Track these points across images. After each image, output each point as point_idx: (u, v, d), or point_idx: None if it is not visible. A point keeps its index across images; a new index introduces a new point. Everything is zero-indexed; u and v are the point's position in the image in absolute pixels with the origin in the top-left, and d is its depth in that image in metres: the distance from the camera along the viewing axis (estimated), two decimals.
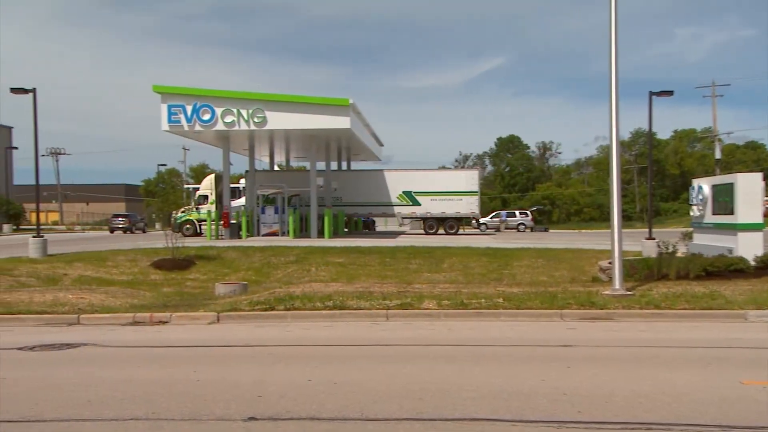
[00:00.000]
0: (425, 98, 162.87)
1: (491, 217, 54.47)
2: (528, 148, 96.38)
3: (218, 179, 40.86)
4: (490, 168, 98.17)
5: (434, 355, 8.89)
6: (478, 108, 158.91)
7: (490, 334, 10.38)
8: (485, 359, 8.56)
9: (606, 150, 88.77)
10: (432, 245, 25.74)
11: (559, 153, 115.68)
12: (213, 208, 39.48)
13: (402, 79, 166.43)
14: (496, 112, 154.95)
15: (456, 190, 39.79)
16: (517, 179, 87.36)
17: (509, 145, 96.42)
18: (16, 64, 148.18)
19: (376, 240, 31.14)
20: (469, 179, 40.26)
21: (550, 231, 54.78)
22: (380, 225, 56.69)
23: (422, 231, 40.93)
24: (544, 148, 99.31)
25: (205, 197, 40.33)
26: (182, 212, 41.60)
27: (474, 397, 6.64)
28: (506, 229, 51.74)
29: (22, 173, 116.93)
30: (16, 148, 62.63)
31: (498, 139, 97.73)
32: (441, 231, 40.15)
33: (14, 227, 55.56)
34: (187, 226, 39.46)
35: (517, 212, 56.88)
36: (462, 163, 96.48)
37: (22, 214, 63.33)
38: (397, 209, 40.06)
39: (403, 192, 39.97)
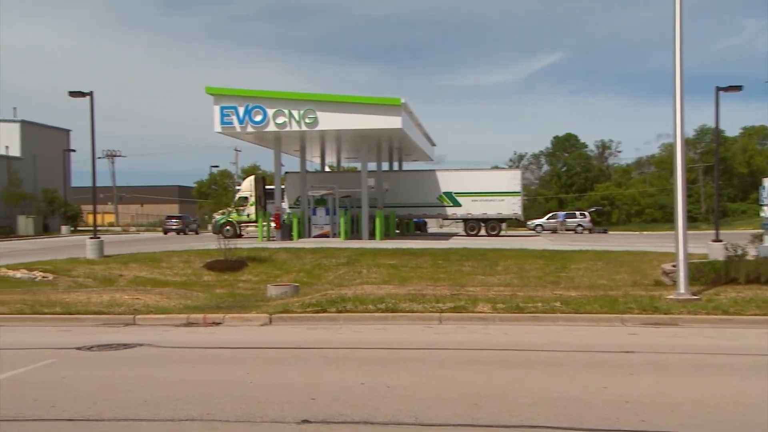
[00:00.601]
0: (478, 96, 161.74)
1: (547, 218, 53.65)
2: (586, 146, 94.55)
3: (258, 181, 41.52)
4: (546, 167, 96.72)
5: (489, 360, 8.81)
6: (533, 106, 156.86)
7: (548, 339, 10.23)
8: (543, 365, 8.44)
9: (669, 148, 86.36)
10: (486, 247, 25.53)
11: (619, 152, 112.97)
12: (252, 209, 40.18)
13: (455, 77, 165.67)
14: (552, 110, 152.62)
15: (497, 191, 39.46)
16: (575, 179, 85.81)
17: (566, 143, 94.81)
18: (72, 67, 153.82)
19: (428, 242, 31.08)
20: (511, 179, 39.86)
21: (609, 232, 53.63)
22: (432, 226, 56.60)
23: (482, 233, 40.63)
24: (603, 146, 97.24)
25: (245, 199, 40.98)
26: (222, 214, 42.32)
27: (531, 404, 6.56)
28: (566, 230, 50.77)
29: (79, 175, 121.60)
30: (74, 150, 64.98)
31: (554, 137, 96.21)
32: (482, 232, 39.97)
33: (72, 228, 57.60)
34: (227, 227, 40.16)
35: (576, 213, 55.70)
36: (516, 162, 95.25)
37: (79, 215, 65.64)
38: (437, 210, 39.91)
39: (444, 193, 39.82)
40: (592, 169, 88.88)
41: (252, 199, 40.73)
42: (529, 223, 55.56)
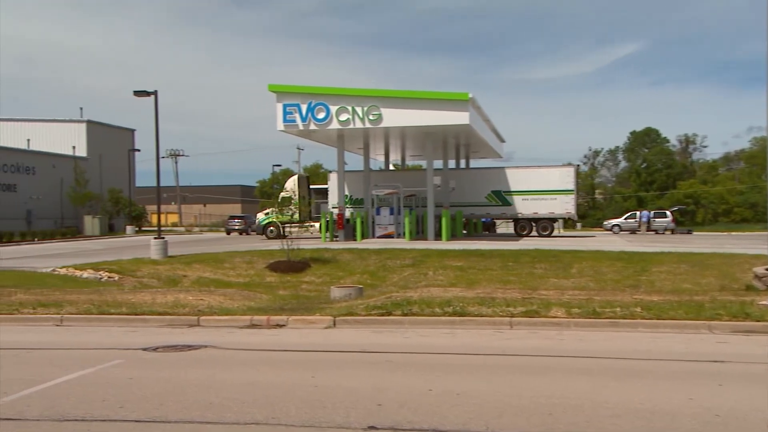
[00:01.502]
0: (551, 90, 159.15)
1: (625, 218, 52.21)
2: (667, 141, 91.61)
3: (301, 180, 41.97)
4: (623, 164, 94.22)
5: (564, 368, 8.65)
6: (609, 99, 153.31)
7: (628, 346, 9.96)
8: (622, 373, 8.23)
9: (761, 142, 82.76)
10: (559, 248, 25.10)
11: (705, 147, 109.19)
12: (296, 209, 40.55)
13: (525, 70, 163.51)
14: (630, 103, 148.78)
15: (549, 189, 38.73)
16: (655, 176, 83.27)
17: (645, 138, 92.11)
18: (136, 66, 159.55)
19: (497, 242, 30.78)
20: (564, 177, 39.04)
21: (694, 233, 51.78)
22: (502, 226, 55.99)
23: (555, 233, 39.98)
24: (687, 141, 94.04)
25: (289, 199, 41.37)
26: (265, 214, 42.91)
27: (611, 415, 6.40)
28: (648, 231, 49.22)
29: (143, 175, 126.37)
30: (139, 150, 67.31)
31: (632, 132, 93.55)
32: (529, 233, 39.51)
33: (137, 229, 59.77)
34: (271, 228, 40.72)
35: (666, 212, 53.59)
36: (591, 159, 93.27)
37: (143, 215, 68.05)
38: (485, 210, 39.40)
39: (492, 191, 39.30)
40: (674, 165, 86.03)
41: (296, 199, 41.24)
42: (605, 223, 54.21)
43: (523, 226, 39.74)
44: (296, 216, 40.83)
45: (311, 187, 43.74)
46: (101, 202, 59.86)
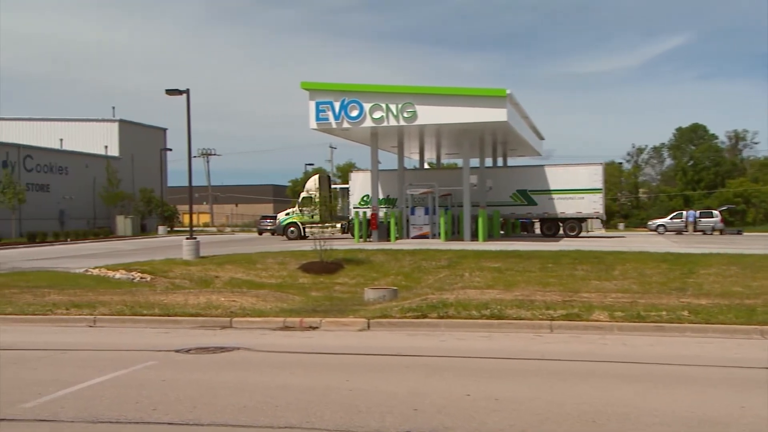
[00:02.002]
0: (592, 85, 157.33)
1: (671, 218, 51.33)
2: (716, 138, 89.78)
3: (323, 180, 42.09)
4: (668, 162, 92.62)
5: (607, 373, 8.53)
6: (654, 94, 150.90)
7: (674, 352, 9.79)
8: (669, 380, 8.08)
9: None
10: (601, 249, 24.78)
11: (756, 143, 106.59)
12: (317, 210, 40.68)
13: (565, 64, 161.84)
14: (676, 98, 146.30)
15: (577, 188, 38.24)
16: (703, 174, 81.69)
17: (692, 135, 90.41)
18: (167, 65, 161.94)
19: (536, 243, 30.52)
20: (592, 175, 38.44)
21: (744, 234, 50.66)
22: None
23: (590, 233, 39.53)
24: (737, 137, 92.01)
25: (310, 199, 41.54)
26: (285, 214, 43.08)
27: (658, 423, 6.29)
28: (695, 231, 48.29)
29: (174, 174, 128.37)
30: (171, 149, 68.35)
31: (678, 129, 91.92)
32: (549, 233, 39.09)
33: (168, 229, 60.69)
34: (292, 229, 40.88)
35: (713, 212, 52.38)
36: (635, 157, 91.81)
37: (175, 215, 69.07)
38: (510, 210, 39.02)
39: (517, 191, 38.90)
40: (723, 163, 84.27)
41: (316, 199, 41.38)
42: (650, 223, 53.38)
43: (550, 226, 39.37)
44: (317, 216, 41.20)
45: (340, 187, 43.85)
46: (133, 202, 60.92)
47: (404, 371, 8.74)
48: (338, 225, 40.51)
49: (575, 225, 39.29)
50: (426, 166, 47.96)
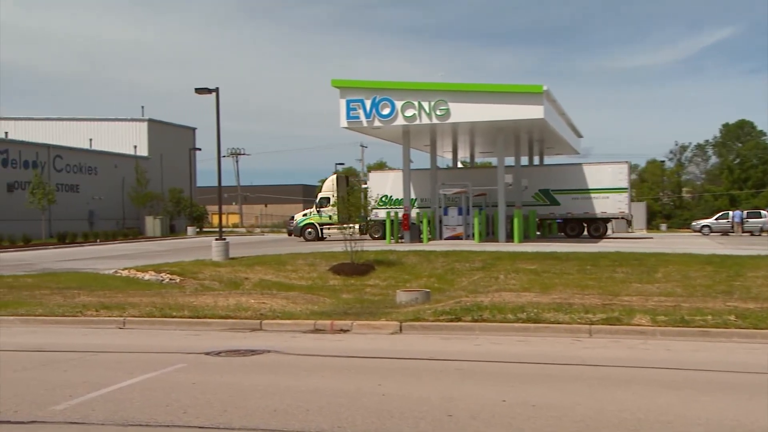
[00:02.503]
0: (633, 80, 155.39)
1: (716, 219, 50.43)
2: (764, 135, 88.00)
3: (340, 180, 42.20)
4: (714, 160, 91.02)
5: (650, 380, 8.42)
6: (698, 89, 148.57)
7: (720, 358, 9.62)
8: (715, 387, 7.95)
9: None
10: (642, 251, 24.47)
11: None
12: (335, 211, 40.83)
13: (605, 59, 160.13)
14: (722, 93, 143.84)
15: (601, 187, 37.87)
16: (750, 173, 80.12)
17: (739, 132, 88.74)
18: (196, 62, 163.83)
19: (574, 244, 30.24)
20: (617, 174, 38.17)
21: None
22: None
23: (632, 233, 39.07)
24: None
25: (327, 199, 41.70)
26: (303, 216, 43.19)
27: None
28: (742, 232, 47.33)
29: (203, 174, 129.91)
30: (200, 149, 69.08)
31: (724, 125, 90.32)
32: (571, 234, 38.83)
33: (197, 229, 61.41)
34: (309, 230, 41.01)
35: (762, 212, 51.21)
36: (678, 155, 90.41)
37: (204, 216, 69.87)
38: (533, 210, 38.65)
39: (539, 190, 38.52)
40: None
41: (334, 200, 41.51)
42: (694, 224, 52.54)
43: (573, 226, 39.00)
44: (335, 217, 41.38)
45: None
46: (162, 202, 61.77)
47: (437, 376, 8.73)
48: (356, 226, 40.69)
49: (600, 225, 39.00)
50: (459, 165, 47.82)
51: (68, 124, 67.27)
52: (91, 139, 64.24)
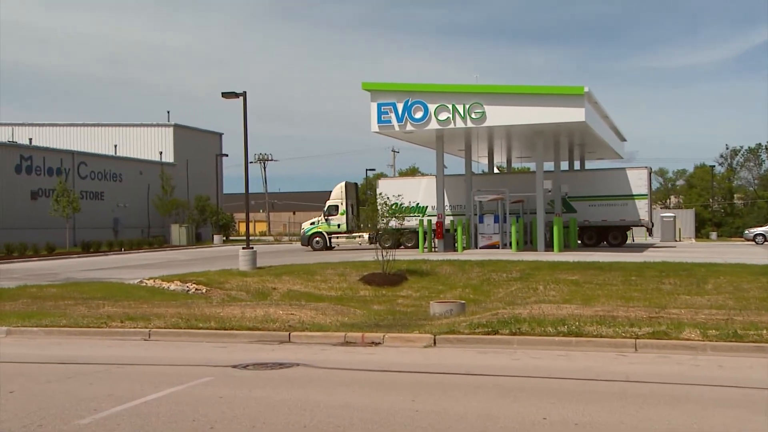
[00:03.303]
0: (681, 80, 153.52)
1: None
2: None
3: (349, 188, 42.26)
4: None
5: (700, 398, 8.27)
6: (751, 89, 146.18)
7: None
8: None
9: None
10: (691, 261, 24.12)
11: None
12: (344, 219, 40.96)
13: (651, 58, 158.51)
14: None
15: (620, 194, 37.57)
16: None
17: None
18: (223, 65, 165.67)
19: (617, 254, 29.91)
20: (636, 180, 37.85)
21: None
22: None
23: (694, 240, 38.56)
24: None
25: (336, 207, 41.91)
26: (311, 224, 43.32)
27: None
28: None
29: (229, 181, 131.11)
30: (226, 155, 69.78)
31: None
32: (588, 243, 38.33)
33: (224, 238, 61.98)
34: (317, 239, 41.16)
35: None
36: (729, 159, 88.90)
37: (231, 224, 70.48)
38: (547, 217, 38.12)
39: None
40: None
41: (342, 208, 41.62)
42: (746, 232, 51.67)
43: (591, 234, 38.58)
44: (343, 226, 41.55)
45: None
46: (188, 210, 62.45)
47: (474, 391, 8.68)
48: (365, 235, 41.06)
49: (618, 233, 38.62)
50: (495, 170, 47.65)
51: (93, 130, 68.54)
52: (116, 145, 65.33)
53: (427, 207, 39.26)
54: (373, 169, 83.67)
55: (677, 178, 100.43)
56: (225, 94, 27.96)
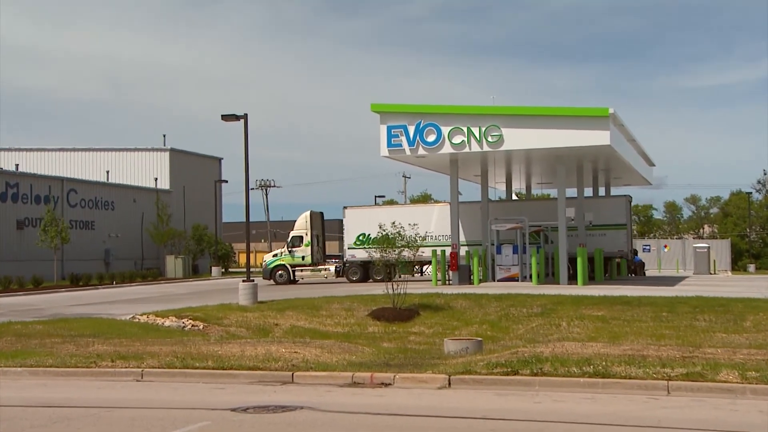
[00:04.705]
0: (714, 101, 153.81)
1: None
2: None
3: (314, 217, 42.41)
4: None
5: None
6: None
7: None
8: None
9: None
10: (727, 296, 23.96)
11: None
12: (308, 250, 41.05)
13: (682, 76, 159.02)
14: None
15: (598, 224, 37.96)
16: None
17: None
18: (223, 85, 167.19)
19: (647, 287, 29.76)
20: (614, 209, 38.49)
21: None
22: (652, 266, 54.22)
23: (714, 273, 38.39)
24: None
25: (300, 238, 42.03)
26: (273, 256, 43.30)
27: None
28: None
29: (229, 209, 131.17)
30: (226, 181, 70.07)
31: None
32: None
33: (223, 270, 62.06)
34: (280, 272, 41.13)
35: None
36: (766, 185, 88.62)
37: (230, 255, 70.60)
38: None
39: (531, 226, 37.69)
40: None
41: (307, 239, 41.70)
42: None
43: (567, 266, 38.32)
44: (308, 258, 41.63)
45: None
46: (184, 240, 62.60)
47: None
48: (331, 268, 41.09)
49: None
50: (514, 197, 47.67)
51: (83, 155, 69.08)
52: (108, 171, 65.73)
53: (429, 235, 38.89)
54: (383, 196, 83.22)
55: (711, 206, 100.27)
56: (225, 117, 28.21)
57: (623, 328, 19.55)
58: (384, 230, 23.51)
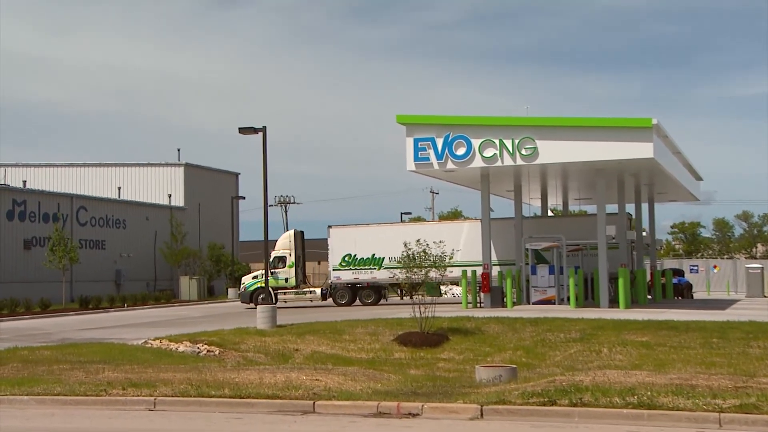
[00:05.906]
0: (764, 110, 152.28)
1: None
2: None
3: (297, 237, 42.32)
4: None
5: None
6: None
7: None
8: None
9: None
10: None
11: None
12: (292, 272, 40.88)
13: (728, 86, 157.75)
14: None
15: (595, 243, 37.00)
16: None
17: None
18: (240, 96, 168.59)
19: (695, 311, 29.43)
20: (612, 228, 37.18)
21: None
22: (701, 289, 53.65)
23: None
24: None
25: (283, 259, 41.77)
26: (253, 278, 42.94)
27: None
28: None
29: (246, 227, 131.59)
30: (243, 197, 70.44)
31: None
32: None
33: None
34: (262, 295, 40.02)
35: None
36: None
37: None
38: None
39: (525, 248, 37.22)
40: None
41: (291, 260, 41.51)
42: None
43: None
44: (292, 280, 41.47)
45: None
46: (200, 259, 62.89)
47: None
48: (317, 291, 40.95)
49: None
50: (549, 213, 47.48)
51: (94, 171, 69.80)
52: (119, 188, 66.29)
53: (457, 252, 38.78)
54: (409, 213, 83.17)
55: (764, 223, 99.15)
56: (242, 130, 28.43)
57: (670, 355, 19.37)
58: (409, 249, 23.51)
